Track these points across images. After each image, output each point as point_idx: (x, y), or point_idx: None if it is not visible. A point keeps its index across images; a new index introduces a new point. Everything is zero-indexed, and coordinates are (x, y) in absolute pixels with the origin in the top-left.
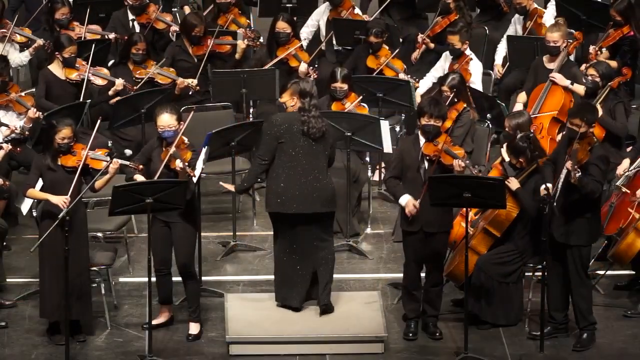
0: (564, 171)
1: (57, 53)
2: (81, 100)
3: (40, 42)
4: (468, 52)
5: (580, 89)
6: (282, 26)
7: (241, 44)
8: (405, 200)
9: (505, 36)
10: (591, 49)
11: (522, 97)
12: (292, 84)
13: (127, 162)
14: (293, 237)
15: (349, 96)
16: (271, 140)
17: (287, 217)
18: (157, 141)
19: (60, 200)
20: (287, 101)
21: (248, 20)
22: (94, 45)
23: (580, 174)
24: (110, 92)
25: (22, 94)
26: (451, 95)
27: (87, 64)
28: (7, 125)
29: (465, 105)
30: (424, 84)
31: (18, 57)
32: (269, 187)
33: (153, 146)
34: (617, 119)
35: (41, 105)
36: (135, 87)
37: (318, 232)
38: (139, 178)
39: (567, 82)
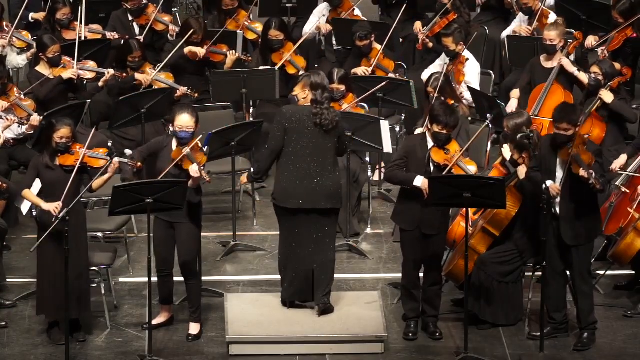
0: (560, 176)
1: (41, 54)
2: (70, 94)
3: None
4: (465, 52)
5: (585, 77)
6: (275, 34)
7: (231, 56)
8: (421, 180)
9: (506, 38)
10: (599, 51)
11: (514, 93)
12: (303, 77)
13: (126, 160)
14: (293, 233)
15: (346, 97)
16: (279, 129)
17: (289, 212)
18: (167, 139)
19: (52, 207)
20: (299, 94)
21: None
22: (77, 42)
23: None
24: (100, 83)
25: (22, 95)
26: (436, 96)
27: (74, 60)
28: (4, 117)
29: (453, 102)
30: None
31: (15, 60)
32: (276, 179)
33: (162, 144)
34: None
35: (38, 97)
36: (124, 75)
37: (318, 233)
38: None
39: (574, 69)
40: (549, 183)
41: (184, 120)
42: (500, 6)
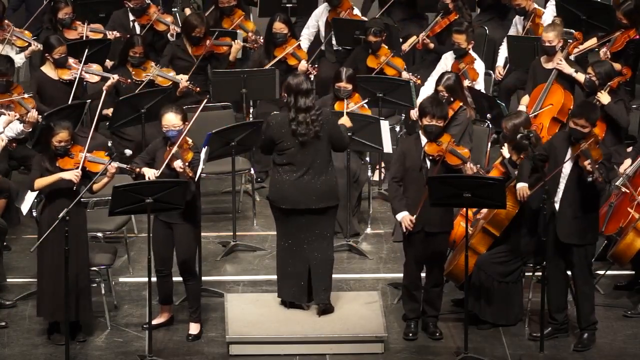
0: (566, 170)
1: (47, 54)
2: (71, 98)
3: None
4: (471, 52)
5: (583, 78)
6: (279, 27)
7: (235, 45)
8: (402, 216)
9: (506, 37)
10: (601, 53)
11: (525, 99)
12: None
13: (125, 166)
14: (289, 231)
15: (352, 96)
16: (267, 141)
17: (283, 212)
18: (162, 141)
19: (72, 175)
20: (285, 97)
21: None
22: (87, 44)
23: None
24: (105, 88)
25: (25, 95)
26: (447, 95)
27: (81, 62)
28: (6, 113)
29: (461, 104)
30: (426, 90)
31: (14, 58)
32: (270, 177)
33: (157, 146)
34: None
35: (38, 110)
36: (129, 80)
37: (313, 231)
38: (149, 172)
39: (571, 70)
40: (519, 185)
41: (169, 119)
42: (497, 4)
